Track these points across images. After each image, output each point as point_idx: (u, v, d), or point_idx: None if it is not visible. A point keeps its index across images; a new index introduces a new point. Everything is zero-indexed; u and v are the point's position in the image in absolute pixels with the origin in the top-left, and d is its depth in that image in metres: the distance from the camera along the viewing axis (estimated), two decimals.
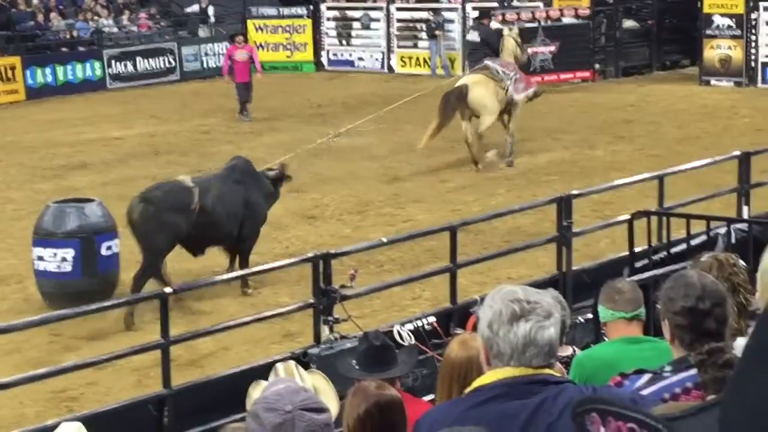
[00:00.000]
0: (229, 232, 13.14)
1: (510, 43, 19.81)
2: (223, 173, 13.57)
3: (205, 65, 31.91)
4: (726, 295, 3.83)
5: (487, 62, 19.25)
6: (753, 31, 26.24)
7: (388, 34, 31.83)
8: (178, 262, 13.20)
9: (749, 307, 4.38)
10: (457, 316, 9.46)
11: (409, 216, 16.19)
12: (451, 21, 30.63)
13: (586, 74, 27.90)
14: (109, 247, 12.80)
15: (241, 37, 26.18)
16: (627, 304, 5.35)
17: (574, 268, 10.33)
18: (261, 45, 33.03)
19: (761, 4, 26.14)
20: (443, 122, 18.88)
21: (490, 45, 19.99)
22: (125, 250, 13.09)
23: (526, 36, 23.95)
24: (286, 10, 33.56)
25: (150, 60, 31.18)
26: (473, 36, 20.72)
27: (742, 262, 5.82)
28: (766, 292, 3.78)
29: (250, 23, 33.17)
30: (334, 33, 32.98)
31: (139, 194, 12.82)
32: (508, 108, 19.08)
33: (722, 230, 9.36)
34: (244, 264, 13.06)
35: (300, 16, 33.22)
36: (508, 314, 3.20)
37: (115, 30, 32.55)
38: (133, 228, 12.60)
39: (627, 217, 9.68)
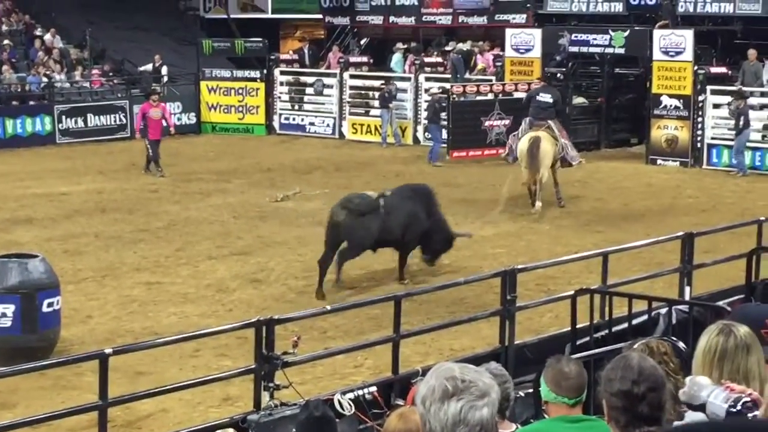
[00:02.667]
0: (398, 237, 16.29)
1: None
2: (396, 190, 16.86)
3: None
4: (664, 380, 3.86)
5: (551, 122, 22.02)
6: (700, 112, 26.64)
7: (341, 100, 32.00)
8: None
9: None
10: (398, 386, 9.44)
11: (353, 283, 16.18)
12: (404, 90, 30.85)
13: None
14: (50, 304, 12.67)
15: (156, 95, 26.84)
16: (571, 390, 5.29)
17: (516, 342, 10.36)
18: (213, 106, 33.11)
19: (708, 87, 26.56)
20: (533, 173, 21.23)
21: (556, 107, 22.68)
22: (66, 306, 12.98)
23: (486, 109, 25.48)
24: (239, 73, 33.65)
25: (101, 117, 31.11)
26: (545, 97, 22.65)
27: (682, 345, 5.88)
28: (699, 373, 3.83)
29: (203, 84, 33.21)
30: (286, 97, 33.09)
31: (339, 202, 16.29)
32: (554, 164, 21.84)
33: (664, 311, 9.45)
34: (402, 261, 16.44)
35: (253, 79, 33.33)
36: (441, 392, 3.17)
37: (67, 85, 32.49)
38: (337, 229, 15.81)
39: (570, 293, 9.74)
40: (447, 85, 28.96)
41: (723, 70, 27.32)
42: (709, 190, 23.81)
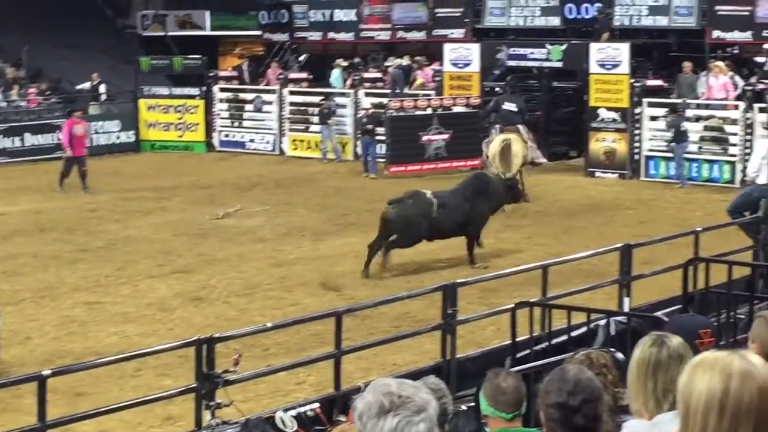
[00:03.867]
0: (454, 232, 18.06)
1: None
2: (456, 188, 18.60)
3: (95, 143, 31.62)
4: (600, 392, 3.89)
5: (519, 127, 24.25)
6: (637, 125, 26.90)
7: (281, 117, 31.97)
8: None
9: (618, 404, 4.46)
10: (340, 403, 9.43)
11: (296, 300, 16.15)
12: (343, 106, 30.88)
13: (477, 162, 28.25)
14: None
15: (80, 112, 26.96)
16: (509, 405, 5.29)
17: (458, 356, 10.38)
18: (152, 124, 32.95)
19: (645, 100, 26.84)
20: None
21: (522, 114, 25.22)
22: (5, 328, 12.84)
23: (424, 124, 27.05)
24: (178, 90, 33.53)
25: (38, 136, 30.84)
26: (511, 106, 25.20)
27: (620, 355, 5.92)
28: (634, 388, 3.86)
29: (141, 102, 33.05)
30: (226, 114, 33.01)
31: (392, 200, 18.01)
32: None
33: (602, 322, 9.52)
34: (471, 246, 18.07)
35: (192, 97, 33.22)
36: (377, 408, 3.16)
37: (4, 104, 32.19)
38: (386, 224, 17.60)
39: (510, 306, 9.79)
40: (384, 100, 29.06)
41: (659, 82, 27.62)
42: (648, 201, 24.03)
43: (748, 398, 2.84)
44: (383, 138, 28.12)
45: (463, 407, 8.20)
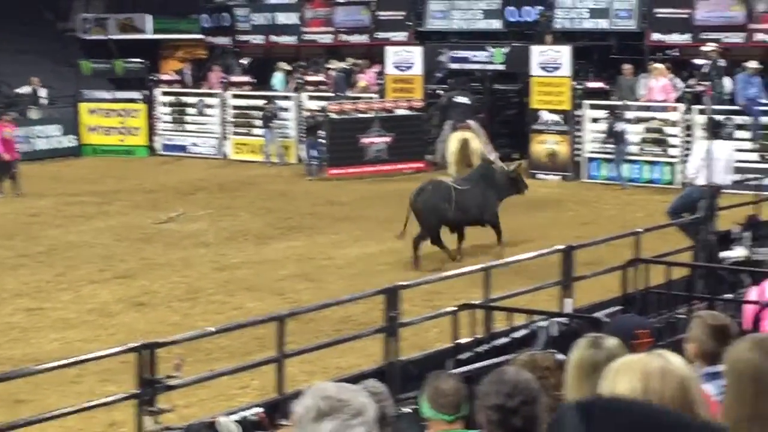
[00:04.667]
0: (475, 218, 19.10)
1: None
2: (468, 177, 19.78)
3: (36, 147, 31.36)
4: (538, 394, 3.92)
5: (470, 123, 24.73)
6: (578, 127, 27.10)
7: (223, 120, 31.86)
8: None
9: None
10: (283, 407, 9.40)
11: (239, 304, 16.11)
12: (286, 110, 30.83)
13: (420, 165, 28.34)
14: None
15: (8, 115, 26.71)
16: (449, 407, 5.32)
17: (401, 358, 10.39)
18: (94, 128, 32.71)
19: (586, 102, 27.04)
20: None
21: (474, 109, 26.21)
22: None
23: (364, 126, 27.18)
24: (119, 94, 33.32)
25: None
26: (463, 100, 26.15)
27: (561, 356, 5.96)
28: (572, 389, 3.89)
29: (82, 106, 32.81)
30: (168, 118, 32.84)
31: (417, 188, 18.95)
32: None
33: (544, 324, 9.57)
34: (498, 231, 19.26)
35: (134, 100, 33.02)
36: (315, 411, 3.18)
37: None
38: (415, 212, 18.53)
39: (453, 308, 9.82)
40: (326, 104, 29.07)
41: (600, 84, 27.82)
42: (590, 203, 24.20)
43: (670, 394, 2.88)
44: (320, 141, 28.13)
45: (406, 410, 8.21)
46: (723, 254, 14.13)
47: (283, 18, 34.35)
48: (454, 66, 29.27)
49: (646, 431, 1.76)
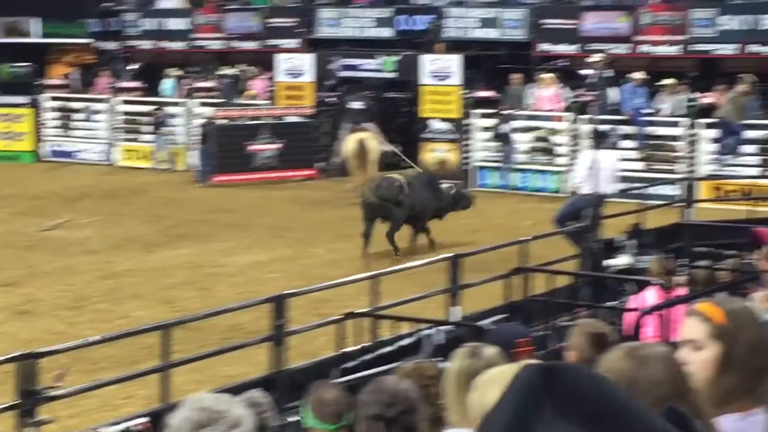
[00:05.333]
0: (413, 219, 19.69)
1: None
2: (415, 178, 20.53)
3: None
4: (417, 403, 3.93)
5: (367, 125, 25.65)
6: (468, 135, 27.32)
7: (111, 126, 31.47)
8: None
9: (443, 416, 4.51)
10: (169, 416, 9.30)
11: (126, 312, 15.91)
12: (176, 116, 30.58)
13: (310, 172, 28.32)
14: None
15: None
16: (331, 417, 5.31)
17: (289, 366, 10.37)
18: None
19: (475, 111, 27.28)
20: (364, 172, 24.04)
21: (370, 112, 27.00)
22: None
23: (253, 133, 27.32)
24: (5, 99, 32.71)
25: None
26: (358, 104, 27.04)
27: (446, 365, 5.99)
28: (451, 399, 3.91)
29: None
30: (55, 123, 32.34)
31: (370, 185, 19.67)
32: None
33: (429, 332, 9.63)
34: (429, 233, 20.21)
35: (20, 105, 32.44)
36: (191, 423, 3.16)
37: None
38: (374, 207, 19.09)
39: (339, 317, 9.83)
40: (214, 110, 28.89)
41: (489, 93, 28.09)
42: (478, 211, 24.33)
43: None
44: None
45: (292, 419, 8.19)
46: (608, 262, 14.37)
47: (173, 23, 34.05)
48: (345, 74, 29.30)
49: (607, 408, 1.78)
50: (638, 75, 25.75)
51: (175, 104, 30.93)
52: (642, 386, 3.15)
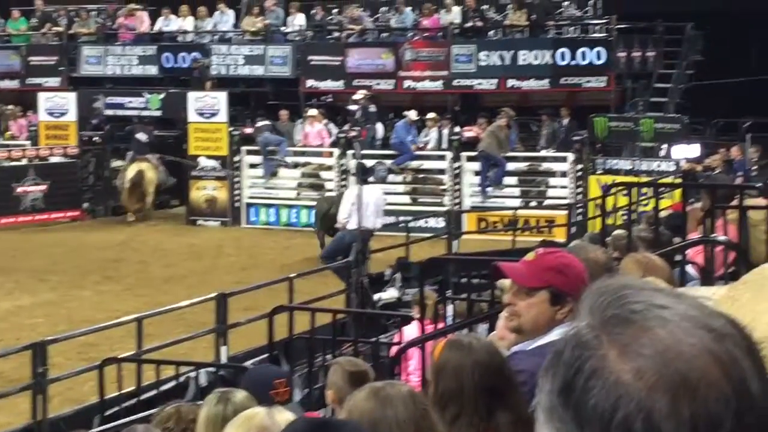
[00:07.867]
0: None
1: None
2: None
3: None
4: None
5: (149, 156, 27.21)
6: (237, 172, 27.27)
7: None
8: None
9: None
10: None
11: None
12: None
13: (76, 213, 27.74)
14: None
15: None
16: None
17: (50, 415, 10.10)
18: None
19: (244, 148, 27.28)
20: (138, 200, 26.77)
21: (152, 144, 27.73)
22: None
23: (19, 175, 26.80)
24: None
25: None
26: (143, 137, 27.42)
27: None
28: None
29: None
30: None
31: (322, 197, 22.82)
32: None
33: (194, 374, 9.53)
34: None
35: None
36: None
37: None
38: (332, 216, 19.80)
39: (98, 363, 9.63)
40: None
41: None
42: (249, 248, 24.34)
43: None
44: None
45: None
46: (376, 296, 14.54)
47: None
48: (110, 112, 28.86)
49: None
50: (412, 114, 26.34)
51: None
52: (384, 427, 3.20)
